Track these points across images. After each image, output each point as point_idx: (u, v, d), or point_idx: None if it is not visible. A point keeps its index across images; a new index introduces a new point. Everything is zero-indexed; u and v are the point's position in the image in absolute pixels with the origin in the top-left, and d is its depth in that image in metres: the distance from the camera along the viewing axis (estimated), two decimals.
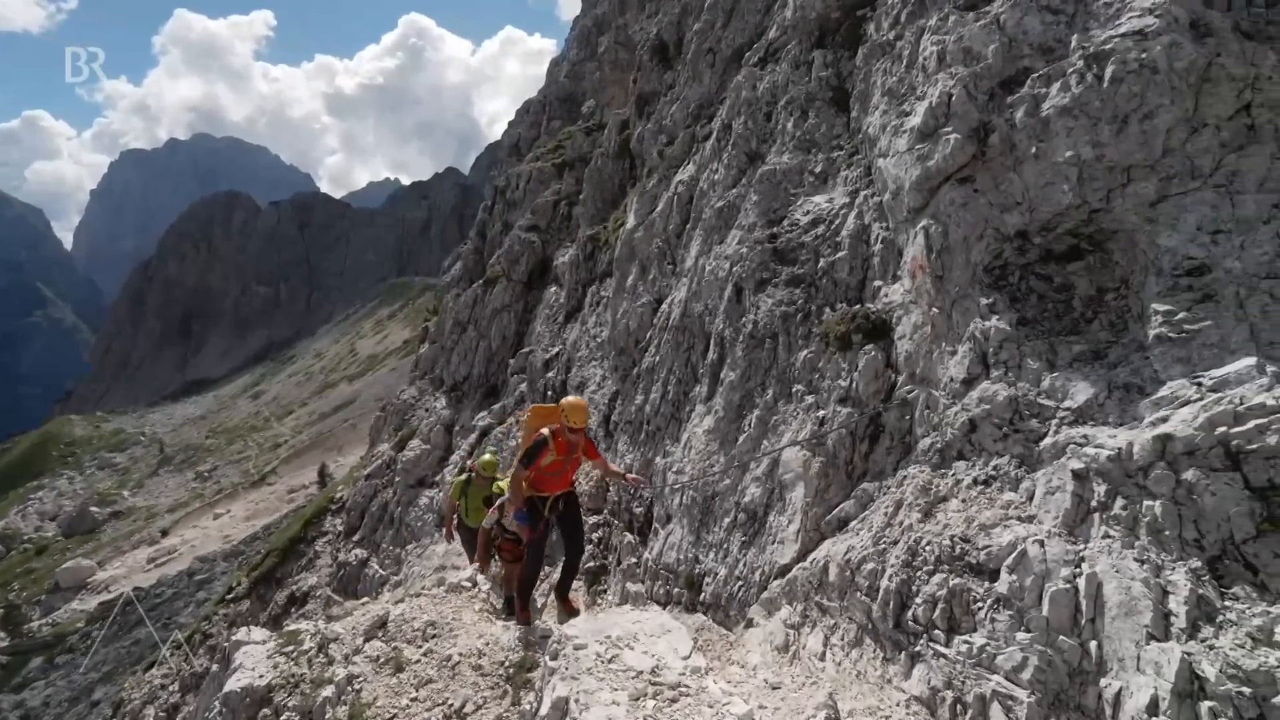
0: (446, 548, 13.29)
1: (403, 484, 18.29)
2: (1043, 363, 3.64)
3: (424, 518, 16.25)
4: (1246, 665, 2.21)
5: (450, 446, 18.03)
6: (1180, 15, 3.78)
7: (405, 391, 24.24)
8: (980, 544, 3.23)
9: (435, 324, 25.10)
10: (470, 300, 21.46)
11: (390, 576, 15.83)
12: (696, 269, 8.10)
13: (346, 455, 44.40)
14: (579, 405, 5.24)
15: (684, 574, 5.94)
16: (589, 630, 3.89)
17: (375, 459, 21.86)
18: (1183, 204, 3.51)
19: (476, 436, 16.30)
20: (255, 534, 35.73)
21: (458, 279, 25.63)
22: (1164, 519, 2.66)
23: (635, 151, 15.68)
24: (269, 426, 70.32)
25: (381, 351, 78.05)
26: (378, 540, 18.23)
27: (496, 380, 18.64)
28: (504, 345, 19.26)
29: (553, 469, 5.27)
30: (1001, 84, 4.43)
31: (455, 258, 29.56)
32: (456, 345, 21.13)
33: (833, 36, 7.97)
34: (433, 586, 8.38)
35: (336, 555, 20.63)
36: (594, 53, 28.06)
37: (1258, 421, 2.57)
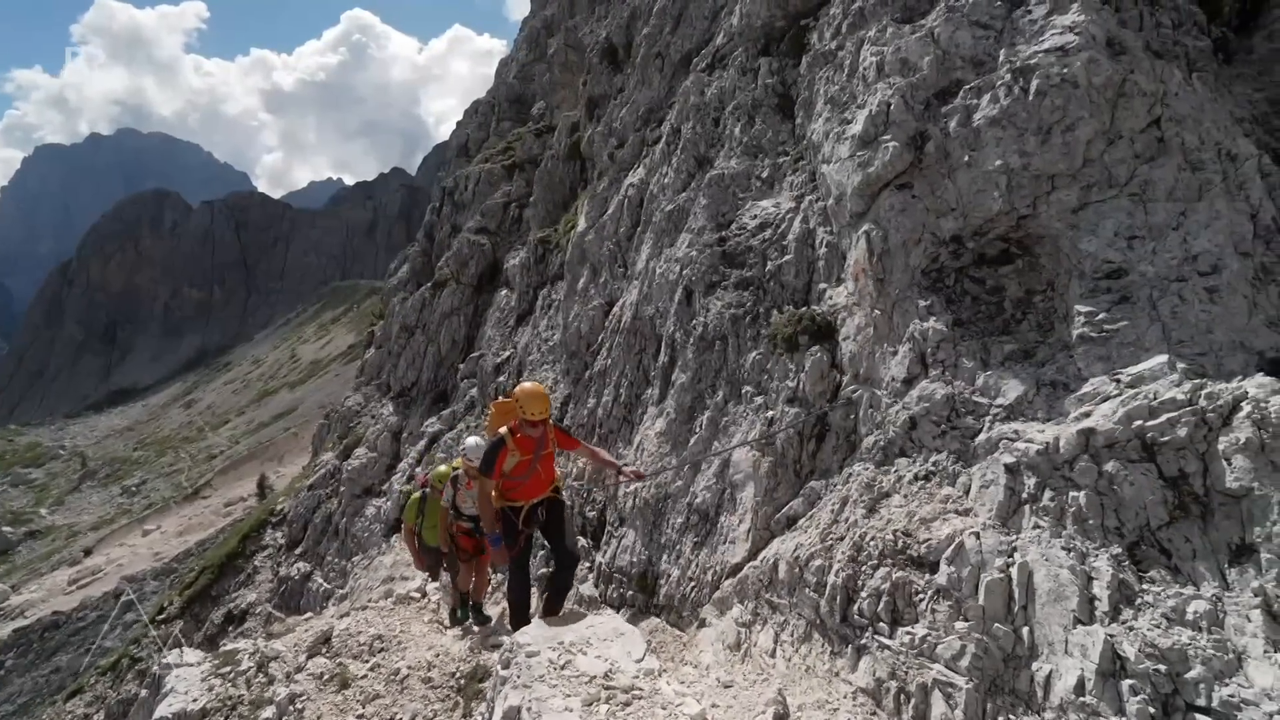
0: (395, 558, 12.95)
1: (348, 494, 17.72)
2: (977, 362, 3.80)
3: (371, 528, 15.77)
4: (1162, 644, 2.36)
5: (398, 454, 17.58)
6: (1098, 33, 4.02)
7: (350, 398, 23.51)
8: (921, 537, 3.35)
9: (382, 328, 24.44)
10: (418, 303, 20.99)
11: (335, 590, 15.31)
12: (647, 272, 8.14)
13: (288, 465, 42.71)
14: (535, 393, 4.48)
15: (637, 576, 5.95)
16: (542, 636, 3.85)
17: (318, 468, 21.11)
18: (1101, 211, 3.73)
19: (425, 443, 15.94)
20: (189, 550, 33.95)
21: (405, 282, 25.02)
22: (1088, 509, 2.81)
23: (586, 154, 15.66)
24: (203, 437, 67.02)
25: (325, 357, 75.43)
26: (322, 553, 17.60)
27: (446, 385, 18.28)
28: (454, 349, 18.90)
29: (519, 471, 4.57)
30: (936, 94, 4.61)
31: (402, 260, 28.85)
32: (404, 350, 20.62)
33: (778, 44, 8.15)
34: (380, 599, 8.14)
35: (277, 570, 19.82)
36: (543, 54, 27.87)
37: (1169, 415, 2.75)
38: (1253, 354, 3.22)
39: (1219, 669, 2.27)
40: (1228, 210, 3.54)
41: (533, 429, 4.48)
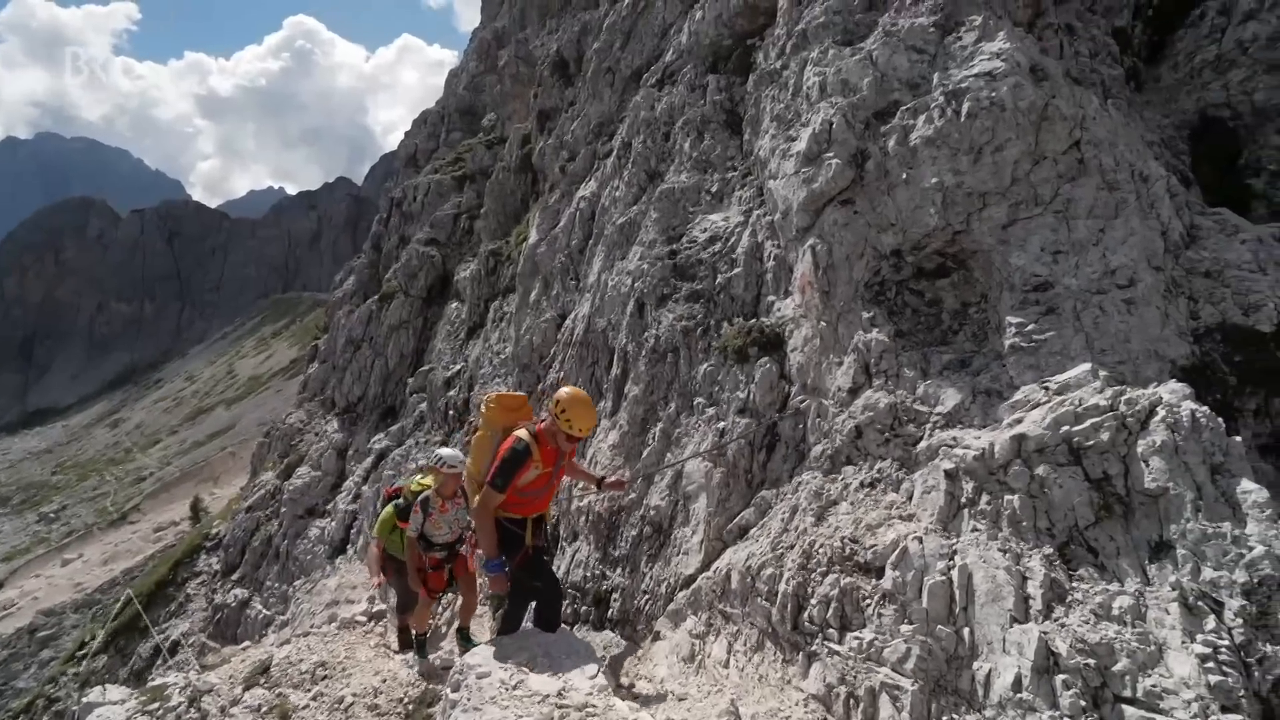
0: (340, 580, 12.48)
1: (290, 515, 17.01)
2: (917, 372, 3.94)
3: (314, 550, 15.17)
4: (1091, 639, 2.47)
5: (344, 472, 16.99)
6: (1022, 60, 4.25)
7: (292, 415, 22.62)
8: (867, 544, 3.43)
9: (326, 342, 23.67)
10: (365, 316, 20.43)
11: (276, 616, 14.63)
12: (599, 284, 8.14)
13: (224, 487, 40.75)
14: (585, 402, 3.73)
15: (591, 591, 5.89)
16: (493, 657, 3.76)
17: (258, 489, 20.21)
18: (1029, 227, 3.93)
19: (373, 460, 15.46)
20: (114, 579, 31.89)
21: (351, 294, 24.33)
22: (1021, 511, 2.94)
23: (537, 166, 15.61)
24: (131, 459, 63.30)
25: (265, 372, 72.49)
26: (261, 578, 16.81)
27: (394, 400, 17.80)
28: (402, 363, 18.44)
29: (535, 486, 3.85)
30: (875, 114, 4.79)
31: (348, 272, 28.06)
32: (350, 364, 20.01)
33: (725, 63, 8.33)
34: (324, 624, 7.82)
35: (212, 597, 18.82)
36: (494, 66, 27.73)
37: (1093, 420, 2.90)
38: (1166, 362, 3.44)
39: (1142, 661, 2.39)
40: (1141, 227, 3.78)
41: (569, 444, 3.81)
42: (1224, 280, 3.71)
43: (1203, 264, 3.78)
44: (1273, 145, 4.43)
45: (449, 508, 5.12)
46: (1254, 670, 2.26)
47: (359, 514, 14.46)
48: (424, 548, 5.29)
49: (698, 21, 9.20)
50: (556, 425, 3.80)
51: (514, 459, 3.77)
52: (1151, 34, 5.58)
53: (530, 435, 3.81)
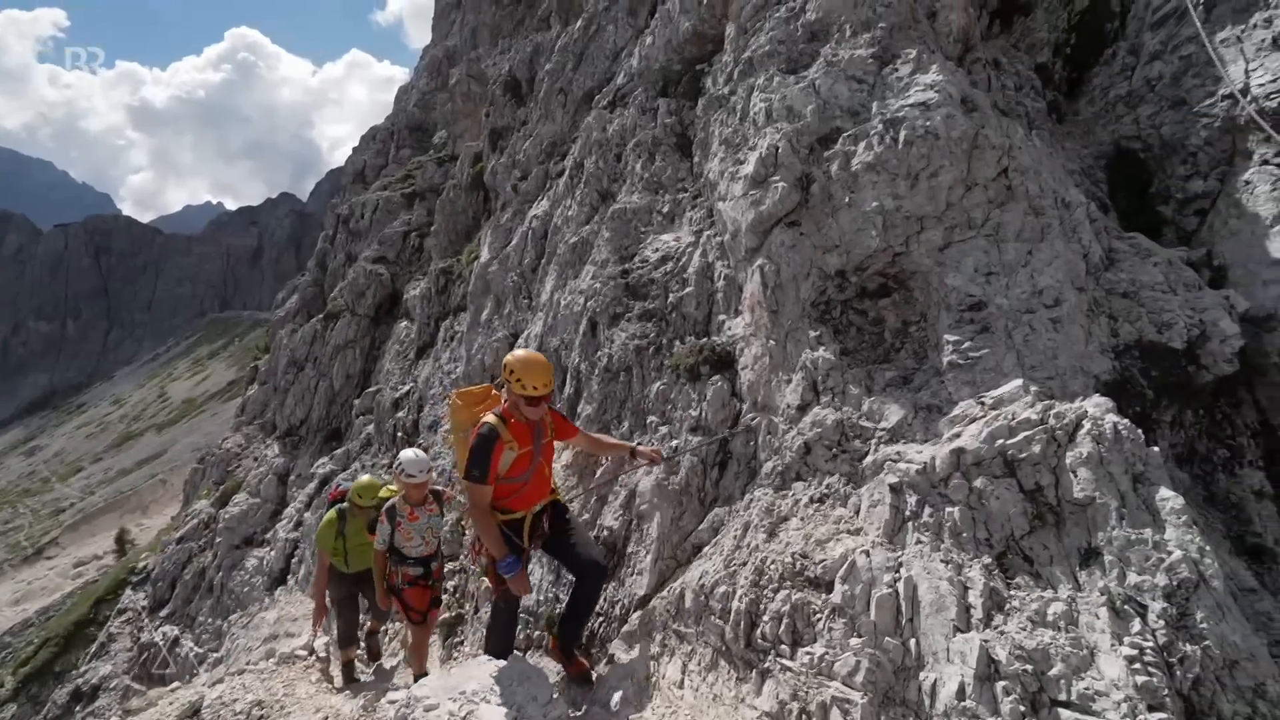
0: (279, 613, 11.90)
1: (225, 545, 16.17)
2: (862, 388, 4.05)
3: (252, 581, 14.43)
4: (1028, 645, 2.57)
5: (284, 498, 16.29)
6: (954, 92, 4.49)
7: (230, 439, 21.61)
8: (817, 558, 3.48)
9: (267, 362, 22.77)
10: (309, 336, 19.78)
11: (209, 654, 13.81)
12: (552, 303, 8.11)
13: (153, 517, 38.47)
14: (534, 360, 3.58)
15: (545, 615, 5.77)
16: (441, 687, 3.65)
17: (191, 518, 19.16)
18: (963, 250, 4.12)
19: (316, 485, 14.89)
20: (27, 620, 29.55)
21: (294, 313, 23.53)
22: (961, 522, 3.04)
23: (489, 184, 15.52)
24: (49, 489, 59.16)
25: (200, 395, 69.13)
26: (192, 613, 15.88)
27: (339, 423, 17.23)
28: (348, 384, 17.90)
29: (519, 469, 3.65)
30: (819, 140, 4.96)
31: (291, 290, 27.16)
32: (293, 385, 19.29)
33: (675, 86, 8.50)
34: (261, 660, 7.43)
35: (138, 636, 17.65)
36: (445, 83, 27.56)
37: (1026, 433, 3.04)
38: (1090, 377, 3.64)
39: (1076, 664, 2.49)
40: (1065, 250, 4.01)
41: (532, 409, 3.58)
42: (1140, 300, 3.96)
43: (1120, 285, 4.03)
44: (1179, 175, 4.78)
45: (419, 515, 4.64)
46: (1176, 670, 2.38)
47: (301, 542, 13.86)
48: (395, 562, 4.77)
49: (648, 46, 9.38)
50: (513, 393, 3.60)
51: (482, 443, 3.55)
52: (1070, 70, 5.97)
53: (496, 416, 3.62)
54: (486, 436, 3.58)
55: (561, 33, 13.98)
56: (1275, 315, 3.83)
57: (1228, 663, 2.40)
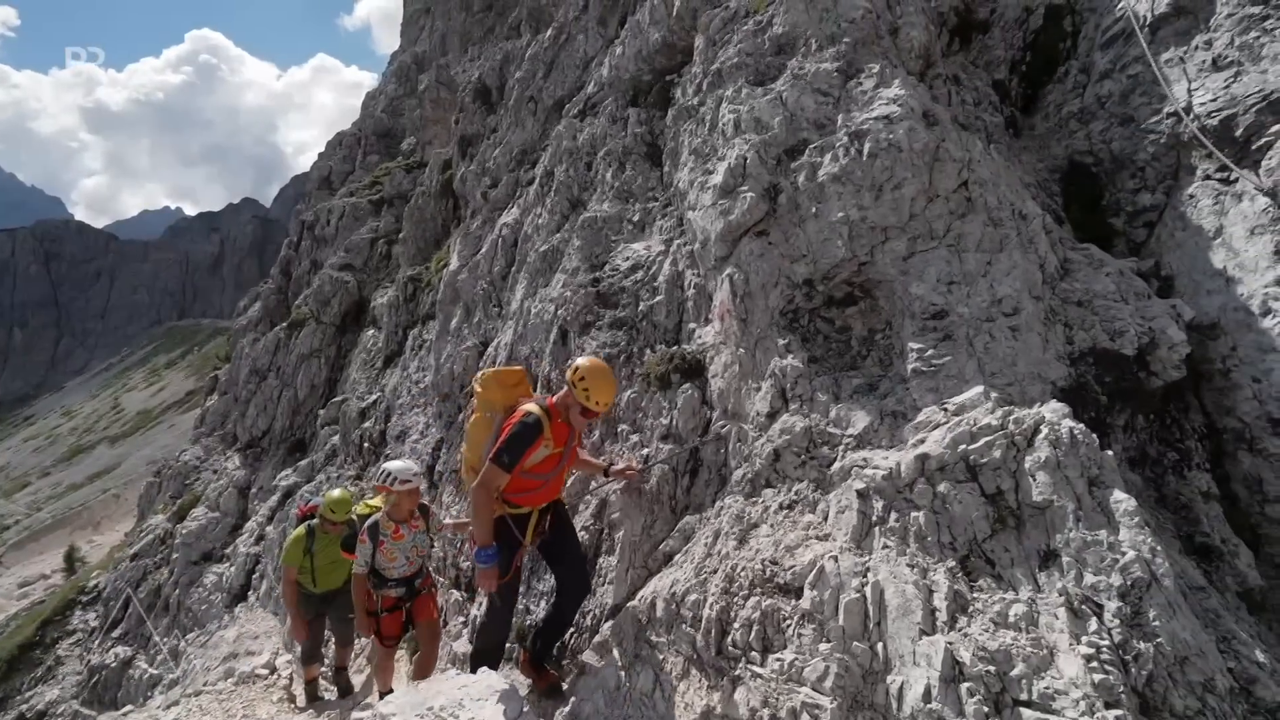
0: (239, 631, 11.53)
1: (182, 561, 15.63)
2: (830, 395, 4.11)
3: (210, 599, 13.96)
4: (990, 646, 2.62)
5: (245, 512, 15.83)
6: (915, 106, 4.61)
7: (187, 452, 20.93)
8: (787, 564, 3.51)
9: (228, 372, 22.15)
10: (272, 345, 19.31)
11: (164, 675, 13.29)
12: (522, 311, 8.07)
13: (106, 534, 37.02)
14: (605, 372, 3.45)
15: (515, 627, 5.70)
16: (408, 703, 3.57)
17: (146, 534, 18.48)
18: (926, 259, 4.22)
19: (279, 498, 14.49)
20: None
21: (256, 321, 22.96)
22: (926, 527, 3.09)
23: (458, 192, 15.39)
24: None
25: (156, 406, 66.87)
26: (147, 633, 15.28)
27: (304, 433, 16.83)
28: (313, 394, 17.50)
29: (544, 469, 3.53)
30: (786, 151, 5.04)
31: (253, 298, 26.50)
32: (255, 395, 18.80)
33: (645, 96, 8.56)
34: (219, 680, 7.17)
35: (88, 658, 16.93)
36: (414, 89, 27.30)
37: (987, 439, 3.11)
38: (1047, 383, 3.75)
39: (1036, 664, 2.55)
40: (1022, 260, 4.14)
41: (583, 419, 3.49)
42: (1093, 309, 4.09)
43: (1075, 294, 4.17)
44: (1129, 189, 4.97)
45: (404, 533, 4.35)
46: (1131, 667, 2.45)
47: (263, 557, 13.47)
48: (375, 585, 4.44)
49: (618, 57, 9.43)
50: (572, 397, 3.46)
51: (524, 433, 3.37)
52: (1026, 87, 6.18)
53: (542, 409, 3.45)
54: (531, 428, 3.42)
55: (532, 41, 13.99)
56: (1218, 324, 4.00)
57: (1179, 659, 2.49)
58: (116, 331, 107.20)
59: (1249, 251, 3.97)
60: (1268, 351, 3.72)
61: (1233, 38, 4.46)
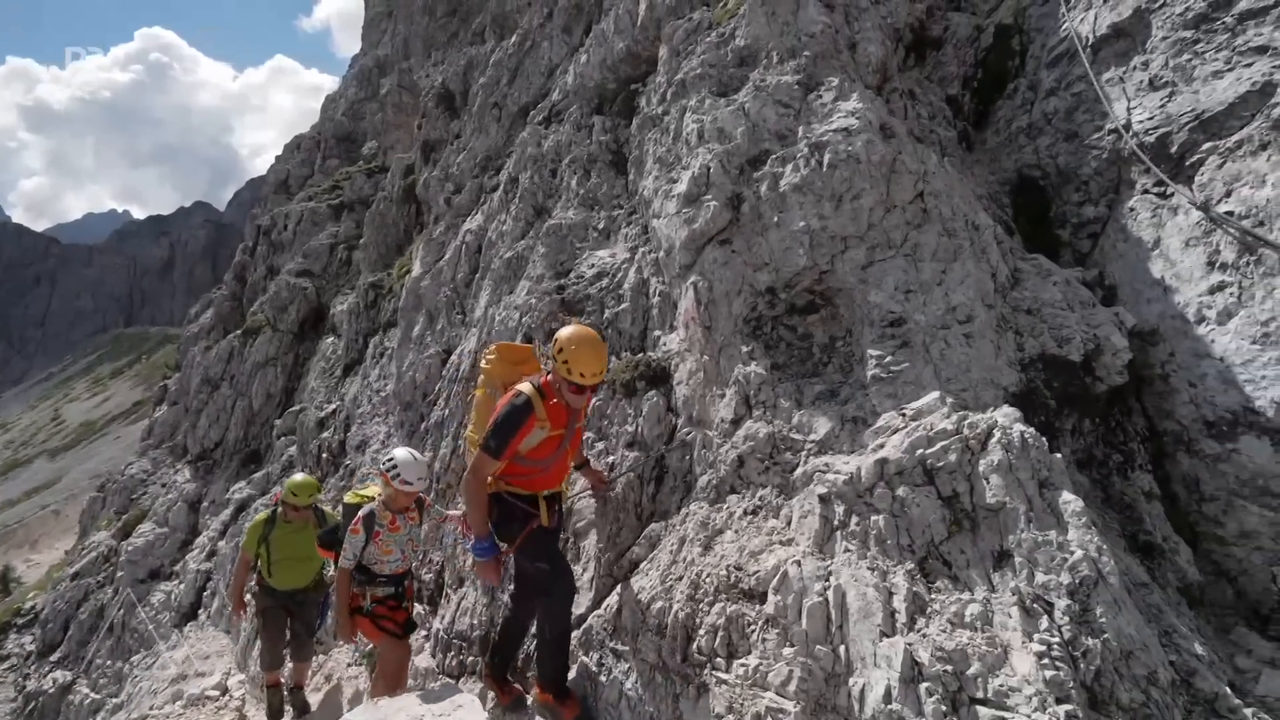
0: (189, 651, 11.07)
1: (128, 579, 14.95)
2: (792, 402, 4.16)
3: (158, 618, 13.38)
4: (947, 646, 2.68)
5: (196, 527, 15.26)
6: (873, 119, 4.73)
7: (134, 464, 20.09)
8: (751, 570, 3.53)
9: (178, 381, 21.36)
10: (225, 353, 18.71)
11: (107, 700, 12.68)
12: (486, 319, 7.99)
13: (44, 552, 35.21)
14: (588, 341, 3.16)
15: (478, 640, 5.61)
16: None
17: (88, 551, 17.64)
18: (884, 268, 4.32)
19: (232, 511, 14.01)
20: None
21: (209, 328, 22.20)
22: (886, 530, 3.16)
23: (421, 197, 15.18)
24: None
25: (100, 417, 64.03)
26: (88, 656, 14.55)
27: (259, 444, 16.32)
28: (269, 403, 17.00)
29: (543, 453, 3.28)
30: (749, 161, 5.12)
31: (206, 304, 25.63)
32: (206, 405, 18.16)
33: (610, 105, 8.60)
34: (166, 703, 6.87)
35: (24, 684, 16.04)
36: (375, 93, 26.89)
37: (943, 443, 3.19)
38: (1000, 389, 3.87)
39: (991, 663, 2.61)
40: (975, 270, 4.27)
41: (575, 397, 3.19)
42: (1042, 317, 4.25)
43: (1025, 302, 4.32)
44: (1074, 202, 5.18)
45: (401, 524, 4.02)
46: (1080, 663, 2.54)
47: (214, 573, 12.98)
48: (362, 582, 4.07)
49: (583, 64, 9.46)
50: (558, 375, 3.14)
51: (511, 415, 3.10)
52: (977, 103, 6.40)
53: (534, 388, 3.17)
54: (519, 409, 3.12)
55: (496, 47, 13.93)
56: (1158, 331, 4.19)
57: (1124, 654, 2.58)
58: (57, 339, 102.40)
59: (1184, 262, 4.17)
60: (1202, 357, 3.91)
61: (1167, 60, 4.70)
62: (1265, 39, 4.17)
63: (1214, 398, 3.82)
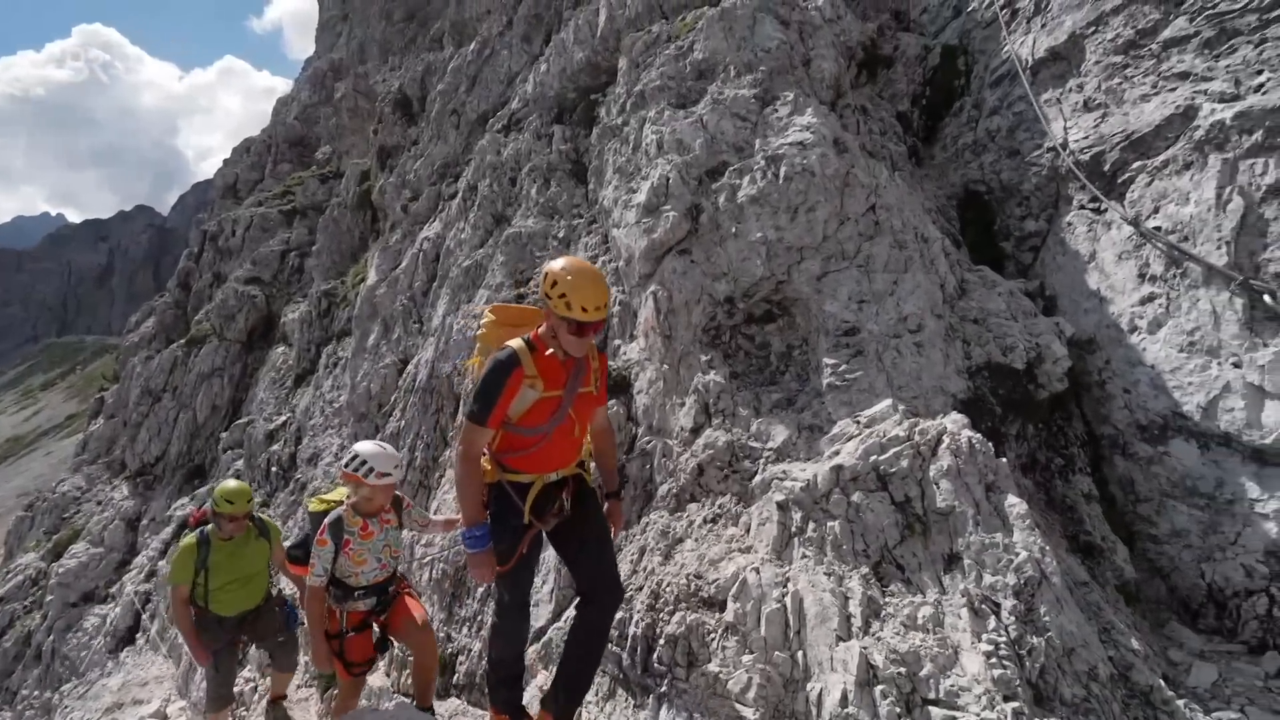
0: (125, 678, 10.50)
1: (59, 602, 14.12)
2: (751, 410, 4.21)
3: (91, 644, 12.66)
4: (901, 648, 2.74)
5: (134, 547, 14.53)
6: (827, 133, 4.85)
7: (66, 481, 19.03)
8: (710, 578, 3.55)
9: (115, 393, 20.34)
10: (168, 363, 17.93)
11: None
12: (444, 328, 7.86)
13: None
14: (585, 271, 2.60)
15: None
16: None
17: (14, 575, 16.59)
18: (839, 279, 4.42)
19: (174, 529, 13.39)
20: None
21: (150, 338, 21.26)
22: (842, 536, 3.21)
23: (377, 204, 14.89)
24: None
25: (30, 431, 60.54)
26: (14, 686, 13.66)
27: (203, 458, 15.66)
28: (214, 415, 16.35)
29: (535, 419, 2.69)
30: (707, 172, 5.18)
31: (147, 313, 24.55)
32: (147, 418, 17.35)
33: (570, 114, 8.60)
34: None
35: None
36: (330, 97, 26.29)
37: (895, 449, 3.27)
38: (949, 396, 3.99)
39: (943, 663, 2.68)
40: (925, 280, 4.41)
41: (576, 339, 2.60)
42: (988, 326, 4.41)
43: (971, 312, 4.48)
44: (1016, 216, 5.41)
45: (374, 529, 3.52)
46: (1025, 661, 2.62)
47: (154, 594, 12.36)
48: (338, 598, 3.55)
49: (543, 73, 9.45)
50: (553, 315, 2.60)
51: (495, 371, 2.58)
52: (926, 119, 6.63)
53: (524, 341, 2.65)
54: (503, 363, 2.60)
55: (455, 54, 13.80)
56: (1095, 339, 4.39)
57: (1067, 650, 2.68)
58: None
59: (1118, 274, 4.39)
60: (1135, 365, 4.12)
61: (1100, 83, 4.96)
62: (1187, 65, 4.45)
63: (1146, 403, 4.02)
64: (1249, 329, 3.64)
